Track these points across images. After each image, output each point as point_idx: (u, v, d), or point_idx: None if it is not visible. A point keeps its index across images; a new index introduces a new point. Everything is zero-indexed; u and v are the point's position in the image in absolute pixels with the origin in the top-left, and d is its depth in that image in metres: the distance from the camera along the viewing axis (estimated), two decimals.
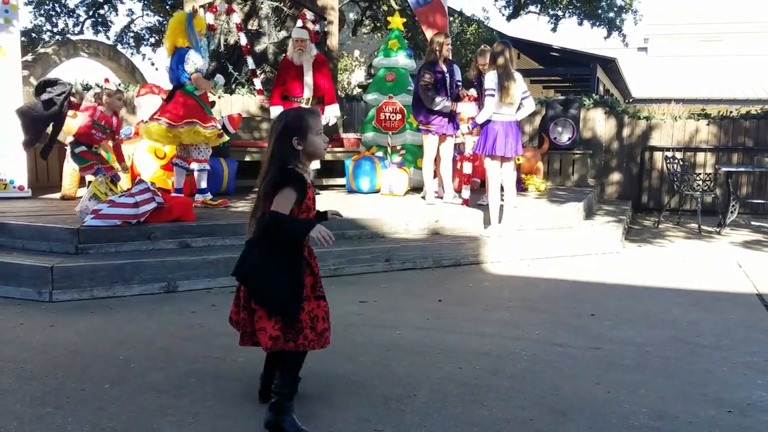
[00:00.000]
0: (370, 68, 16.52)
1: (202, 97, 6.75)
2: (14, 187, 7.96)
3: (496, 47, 6.36)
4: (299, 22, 8.26)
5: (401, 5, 13.99)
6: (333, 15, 10.67)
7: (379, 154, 8.78)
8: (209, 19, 7.47)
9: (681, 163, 9.55)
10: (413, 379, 3.37)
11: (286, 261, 2.72)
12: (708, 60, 30.72)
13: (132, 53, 17.78)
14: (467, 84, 7.84)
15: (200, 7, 7.76)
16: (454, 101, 7.34)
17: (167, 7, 16.98)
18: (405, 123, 8.67)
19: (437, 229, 6.68)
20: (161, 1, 16.74)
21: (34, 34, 16.32)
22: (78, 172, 7.45)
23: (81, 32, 17.03)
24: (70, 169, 7.61)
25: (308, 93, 8.01)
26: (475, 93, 7.43)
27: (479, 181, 8.73)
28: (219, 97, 9.79)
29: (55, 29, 16.82)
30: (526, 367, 3.57)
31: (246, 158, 8.69)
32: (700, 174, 9.45)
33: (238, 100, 10.32)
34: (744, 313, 4.74)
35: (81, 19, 17.17)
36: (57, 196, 7.91)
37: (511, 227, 6.58)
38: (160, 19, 17.82)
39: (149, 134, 6.73)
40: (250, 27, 11.21)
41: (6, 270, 4.97)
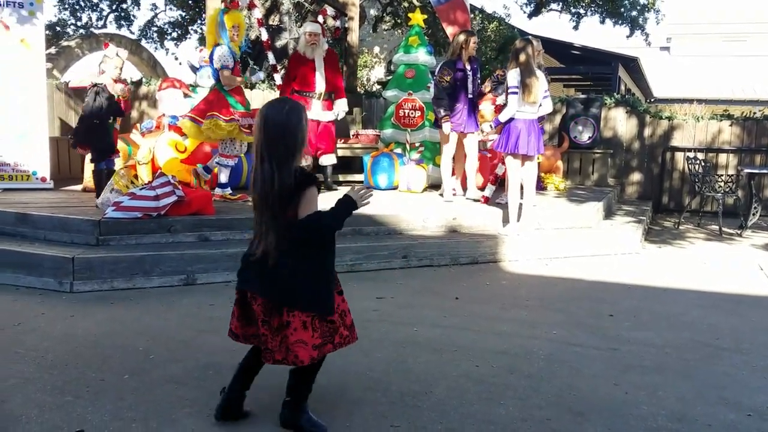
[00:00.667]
0: (390, 65, 16.50)
1: (234, 93, 6.80)
2: (37, 179, 8.07)
3: (518, 44, 6.31)
4: (319, 18, 8.28)
5: (422, 2, 13.95)
6: (354, 11, 10.68)
7: (398, 150, 8.77)
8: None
9: (703, 164, 9.44)
10: (430, 376, 3.37)
11: (321, 260, 2.64)
12: (731, 60, 30.33)
13: (155, 48, 17.89)
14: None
15: (221, 1, 7.79)
16: (477, 99, 7.31)
17: (190, 2, 17.07)
18: (424, 120, 8.65)
19: (455, 226, 6.66)
20: None
21: (58, 28, 16.47)
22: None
23: (104, 26, 17.17)
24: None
25: (320, 88, 8.01)
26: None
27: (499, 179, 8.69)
28: None
29: (78, 23, 16.96)
30: (543, 366, 3.55)
31: None
32: (722, 175, 9.33)
33: (258, 96, 10.35)
34: (765, 316, 4.68)
35: (104, 13, 17.30)
36: (78, 187, 8.01)
37: (530, 226, 6.54)
38: (183, 14, 17.90)
39: (186, 130, 6.97)
40: (271, 22, 11.25)
41: (28, 260, 5.04)
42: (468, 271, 5.91)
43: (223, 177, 7.00)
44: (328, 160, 8.21)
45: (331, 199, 2.72)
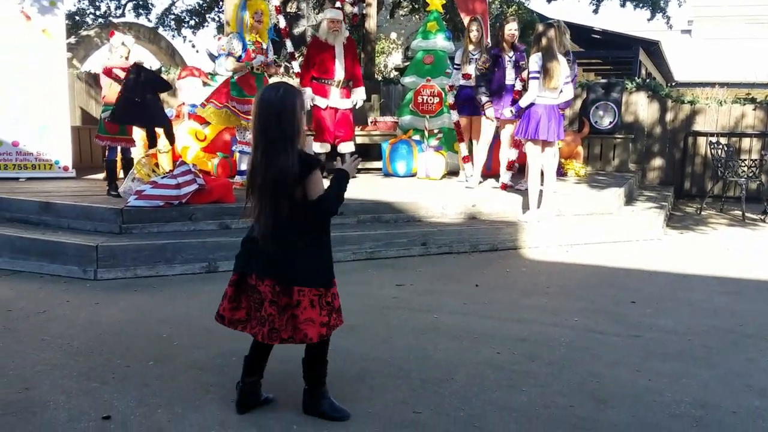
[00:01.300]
0: (408, 51, 16.42)
1: (242, 81, 6.82)
2: (59, 168, 8.16)
3: (540, 28, 6.21)
4: (338, 4, 8.25)
5: None
6: None
7: (416, 137, 8.75)
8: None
9: (725, 148, 9.31)
10: (450, 363, 3.38)
11: (325, 237, 2.69)
12: (755, 43, 29.78)
13: (173, 36, 17.95)
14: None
15: None
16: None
17: None
18: (443, 106, 8.61)
19: (474, 213, 6.64)
20: None
21: (77, 17, 16.59)
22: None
23: (122, 15, 17.27)
24: None
25: (340, 75, 7.99)
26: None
27: (518, 165, 8.64)
28: None
29: (97, 12, 17.07)
30: (564, 353, 3.55)
31: None
32: (745, 160, 9.20)
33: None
34: None
35: (123, 2, 17.39)
36: (100, 176, 8.07)
37: (550, 212, 6.50)
38: (200, 2, 17.92)
39: (206, 117, 7.16)
40: (288, 9, 11.23)
41: (53, 248, 5.11)
42: (488, 258, 5.89)
43: (244, 165, 7.05)
44: (346, 147, 8.20)
45: (349, 186, 2.72)
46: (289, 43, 8.53)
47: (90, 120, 10.38)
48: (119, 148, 6.75)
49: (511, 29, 7.14)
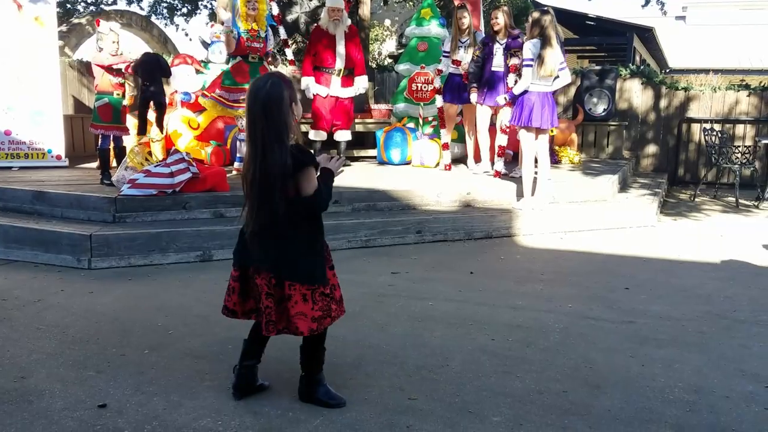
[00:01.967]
0: (402, 38, 16.35)
1: (234, 69, 6.82)
2: (52, 157, 8.11)
3: (535, 15, 6.18)
4: None
5: None
6: None
7: (411, 125, 8.73)
8: None
9: (719, 135, 9.33)
10: (446, 349, 3.39)
11: (317, 233, 2.67)
12: (749, 29, 29.76)
13: (165, 24, 17.81)
14: None
15: None
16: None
17: None
18: (437, 94, 8.58)
19: (469, 201, 6.65)
20: None
21: (69, 5, 16.42)
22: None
23: (114, 2, 17.11)
24: None
25: (340, 64, 7.96)
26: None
27: (512, 153, 8.65)
28: None
29: (89, 0, 16.91)
30: (558, 339, 3.56)
31: None
32: (739, 146, 9.22)
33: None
34: None
35: None
36: (93, 165, 8.04)
37: (544, 200, 6.51)
38: None
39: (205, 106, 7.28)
40: None
41: (47, 237, 5.09)
42: (482, 245, 5.91)
43: (239, 152, 7.06)
44: (342, 136, 8.19)
45: (343, 175, 2.71)
46: (282, 30, 8.47)
47: (82, 108, 10.32)
48: (112, 137, 6.70)
49: (494, 17, 7.22)
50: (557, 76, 6.19)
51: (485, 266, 5.16)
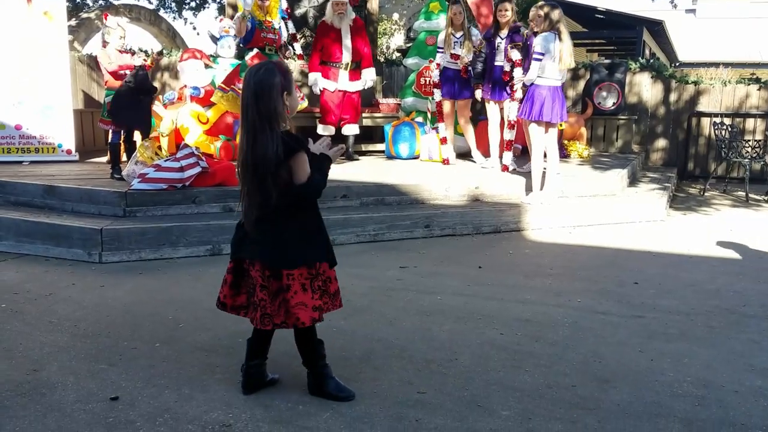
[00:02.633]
0: (410, 32, 16.31)
1: (251, 61, 6.85)
2: (62, 151, 8.15)
3: (545, 8, 6.08)
4: None
5: None
6: None
7: (419, 119, 8.72)
8: None
9: (729, 129, 9.27)
10: (454, 343, 3.40)
11: (314, 219, 2.68)
12: (759, 22, 29.52)
13: (174, 18, 17.85)
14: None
15: None
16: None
17: None
18: (434, 88, 8.55)
19: (477, 195, 6.65)
20: None
21: (78, 0, 16.48)
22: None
23: None
24: None
25: (347, 57, 7.96)
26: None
27: (521, 147, 8.62)
28: None
29: None
30: (567, 334, 3.57)
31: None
32: (749, 140, 9.17)
33: None
34: None
35: None
36: (103, 160, 8.07)
37: (553, 194, 6.50)
38: None
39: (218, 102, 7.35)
40: None
41: (58, 231, 5.13)
42: (491, 240, 5.91)
43: None
44: (350, 130, 8.19)
45: (352, 169, 2.72)
46: (290, 24, 8.48)
47: (92, 103, 10.36)
48: (122, 132, 6.74)
49: (504, 9, 7.13)
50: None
51: (494, 261, 5.17)
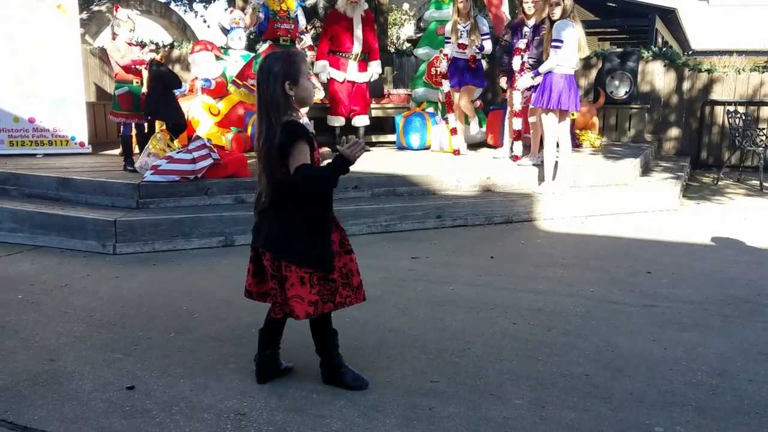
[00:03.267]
0: (420, 22, 16.25)
1: (265, 54, 6.85)
2: (75, 144, 8.21)
3: None
4: None
5: None
6: None
7: (430, 110, 8.71)
8: None
9: (743, 117, 9.19)
10: (467, 333, 3.41)
11: (317, 215, 2.62)
12: None
13: (185, 10, 17.86)
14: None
15: None
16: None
17: None
18: (443, 78, 8.52)
19: (489, 185, 6.64)
20: None
21: None
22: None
23: None
24: None
25: (357, 48, 7.94)
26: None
27: (529, 136, 8.58)
28: None
29: None
30: (580, 323, 3.56)
31: None
32: (763, 129, 9.10)
33: None
34: None
35: None
36: (116, 152, 8.13)
37: (565, 184, 6.48)
38: None
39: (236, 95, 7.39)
40: None
41: (72, 223, 5.17)
42: (502, 230, 5.90)
43: None
44: (360, 121, 8.19)
45: (363, 161, 2.70)
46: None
47: (104, 96, 10.41)
48: (134, 124, 6.76)
49: (532, 1, 7.01)
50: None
51: (505, 251, 5.16)
